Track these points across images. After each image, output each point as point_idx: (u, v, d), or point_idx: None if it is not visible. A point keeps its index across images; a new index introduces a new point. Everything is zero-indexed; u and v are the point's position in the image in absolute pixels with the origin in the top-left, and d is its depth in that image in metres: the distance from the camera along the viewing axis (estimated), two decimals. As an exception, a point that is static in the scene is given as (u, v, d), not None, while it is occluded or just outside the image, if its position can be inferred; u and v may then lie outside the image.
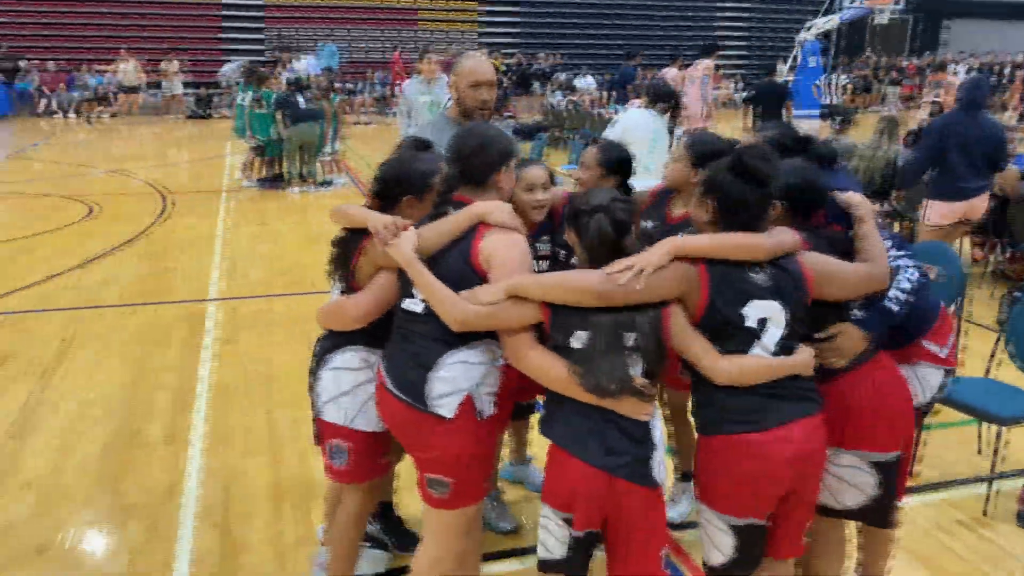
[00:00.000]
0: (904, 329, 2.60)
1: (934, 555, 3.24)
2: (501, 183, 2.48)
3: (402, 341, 2.42)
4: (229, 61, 21.20)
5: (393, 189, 2.54)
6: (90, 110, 19.75)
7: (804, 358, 2.24)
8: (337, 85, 20.79)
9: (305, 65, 17.63)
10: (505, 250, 2.30)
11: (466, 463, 2.40)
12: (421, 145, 2.65)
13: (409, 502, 3.25)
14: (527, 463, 3.68)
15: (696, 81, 12.17)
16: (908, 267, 2.48)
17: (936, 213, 5.81)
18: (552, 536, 2.25)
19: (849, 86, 22.28)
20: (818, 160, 2.72)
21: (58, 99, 20.44)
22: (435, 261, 2.33)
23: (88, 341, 5.41)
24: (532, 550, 2.47)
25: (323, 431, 2.68)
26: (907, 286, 2.45)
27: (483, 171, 2.44)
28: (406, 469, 2.84)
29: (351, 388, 2.59)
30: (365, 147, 15.32)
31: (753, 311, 2.19)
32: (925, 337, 2.71)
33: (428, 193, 2.54)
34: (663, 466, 2.26)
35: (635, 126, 5.49)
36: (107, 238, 8.16)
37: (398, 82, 19.05)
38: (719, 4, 26.81)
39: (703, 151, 2.89)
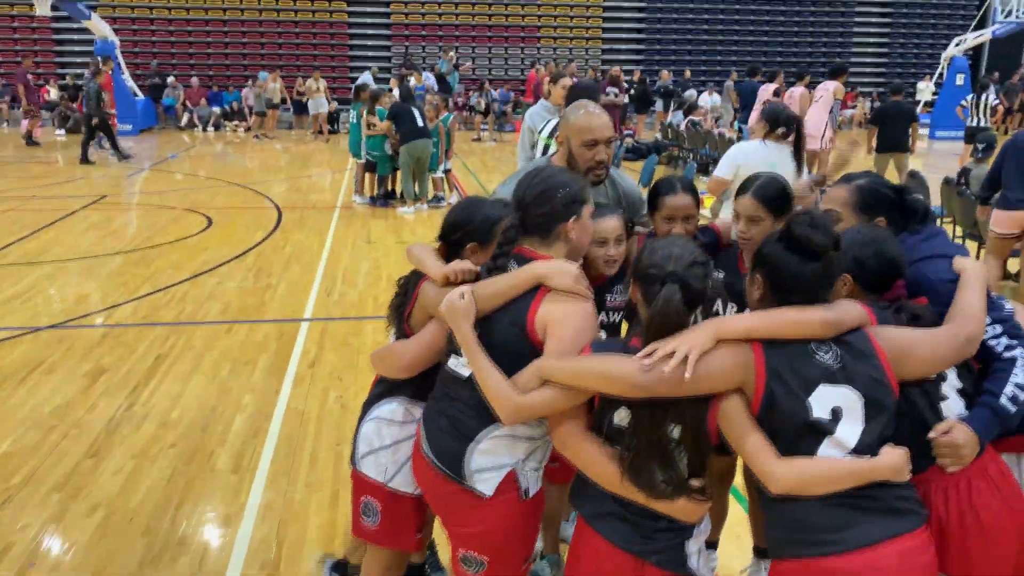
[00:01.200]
0: None
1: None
2: (569, 236, 2.17)
3: (444, 402, 2.20)
4: (357, 79, 21.83)
5: (455, 234, 2.36)
6: (258, 126, 20.07)
7: (892, 459, 1.83)
8: (460, 101, 21.13)
9: (424, 81, 17.87)
10: (562, 323, 2.02)
11: (504, 543, 2.18)
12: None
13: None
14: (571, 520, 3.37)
15: (820, 102, 11.55)
16: None
17: (993, 220, 6.27)
18: None
19: (999, 107, 20.69)
20: (910, 217, 2.33)
21: (199, 113, 21.68)
22: (487, 323, 2.09)
23: (181, 358, 5.50)
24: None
25: (358, 485, 2.50)
26: None
27: (546, 222, 2.16)
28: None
29: (392, 443, 2.42)
30: (479, 164, 15.36)
31: (822, 399, 1.82)
32: None
33: (494, 242, 2.32)
34: (703, 555, 1.97)
35: (748, 160, 4.86)
36: (219, 252, 8.41)
37: (528, 101, 18.98)
38: (856, 19, 25.54)
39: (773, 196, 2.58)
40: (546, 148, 5.18)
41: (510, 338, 2.06)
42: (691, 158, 14.16)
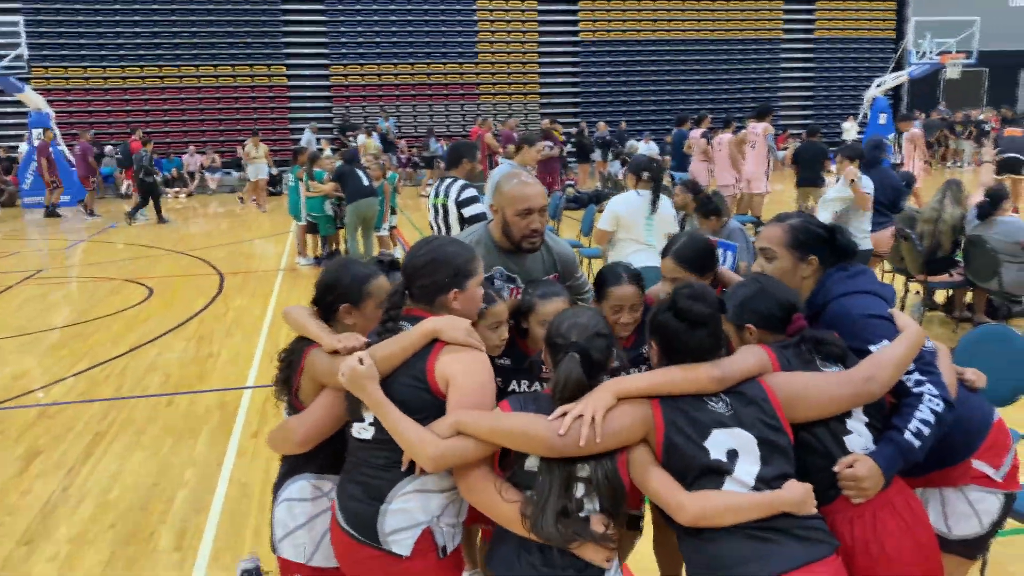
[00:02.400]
0: (947, 447, 2.27)
1: None
2: (453, 306, 2.25)
3: (353, 471, 2.22)
4: (299, 139, 21.77)
5: (328, 296, 2.39)
6: (253, 194, 18.73)
7: (794, 493, 1.94)
8: (403, 158, 21.30)
9: (361, 142, 18.02)
10: (465, 374, 2.09)
11: None
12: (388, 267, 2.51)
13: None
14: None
15: (757, 147, 12.00)
16: (932, 396, 2.16)
17: None
18: None
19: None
20: (840, 255, 2.46)
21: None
22: (386, 384, 2.13)
23: (121, 434, 5.38)
24: None
25: (283, 568, 2.45)
26: (930, 418, 2.13)
27: (430, 291, 2.24)
28: None
29: (306, 521, 2.38)
30: (424, 221, 15.46)
31: (718, 442, 1.95)
32: (976, 455, 2.35)
33: (365, 300, 2.37)
34: None
35: (627, 210, 5.48)
36: (160, 322, 8.29)
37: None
38: (782, 64, 26.58)
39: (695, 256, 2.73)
40: (434, 207, 5.45)
41: (412, 394, 2.11)
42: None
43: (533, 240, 2.92)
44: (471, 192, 5.30)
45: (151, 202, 16.52)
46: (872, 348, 2.20)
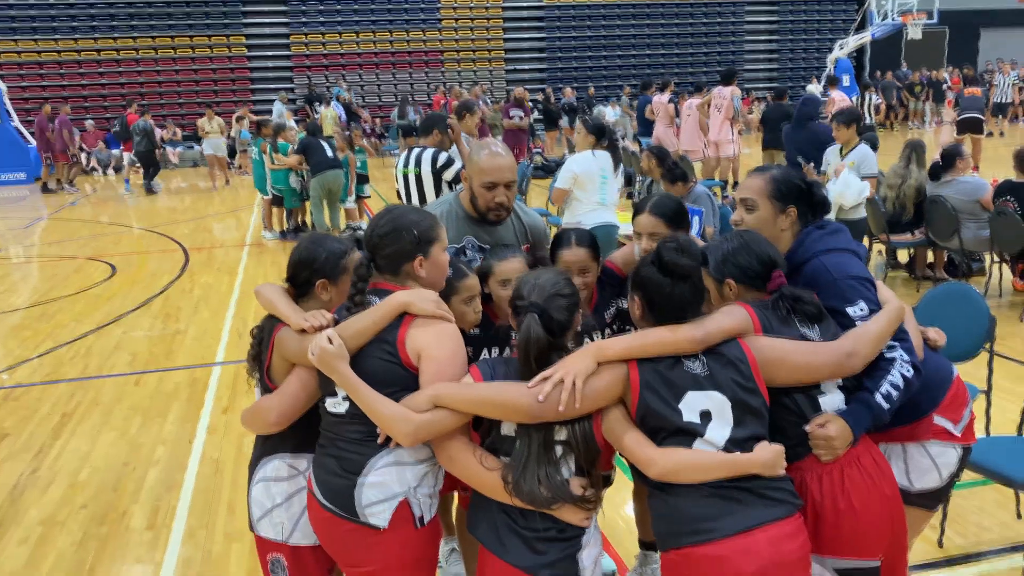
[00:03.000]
0: (911, 404, 2.32)
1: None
2: (418, 273, 2.23)
3: (328, 445, 2.22)
4: (269, 111, 21.21)
5: (303, 273, 2.36)
6: (217, 169, 17.61)
7: (763, 455, 1.97)
8: (367, 128, 21.02)
9: (326, 113, 17.76)
10: (436, 345, 2.10)
11: (405, 575, 2.19)
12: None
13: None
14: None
15: (724, 111, 12.02)
16: (904, 362, 2.21)
17: None
18: None
19: (882, 105, 21.78)
20: (817, 207, 2.49)
21: (97, 156, 20.98)
22: (357, 359, 2.13)
23: (89, 414, 5.33)
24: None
25: (261, 546, 2.45)
26: (899, 382, 2.19)
27: (394, 260, 2.22)
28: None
29: (283, 500, 2.37)
30: (392, 192, 15.33)
31: (692, 404, 1.98)
32: (937, 411, 2.42)
33: (342, 275, 2.35)
34: (598, 563, 2.08)
35: (583, 170, 5.72)
36: (125, 300, 8.18)
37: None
38: (747, 27, 26.56)
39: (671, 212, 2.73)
40: (404, 177, 5.56)
41: (384, 368, 2.11)
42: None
43: (498, 213, 2.91)
44: (446, 155, 5.44)
45: (123, 171, 16.42)
46: (849, 309, 2.24)
